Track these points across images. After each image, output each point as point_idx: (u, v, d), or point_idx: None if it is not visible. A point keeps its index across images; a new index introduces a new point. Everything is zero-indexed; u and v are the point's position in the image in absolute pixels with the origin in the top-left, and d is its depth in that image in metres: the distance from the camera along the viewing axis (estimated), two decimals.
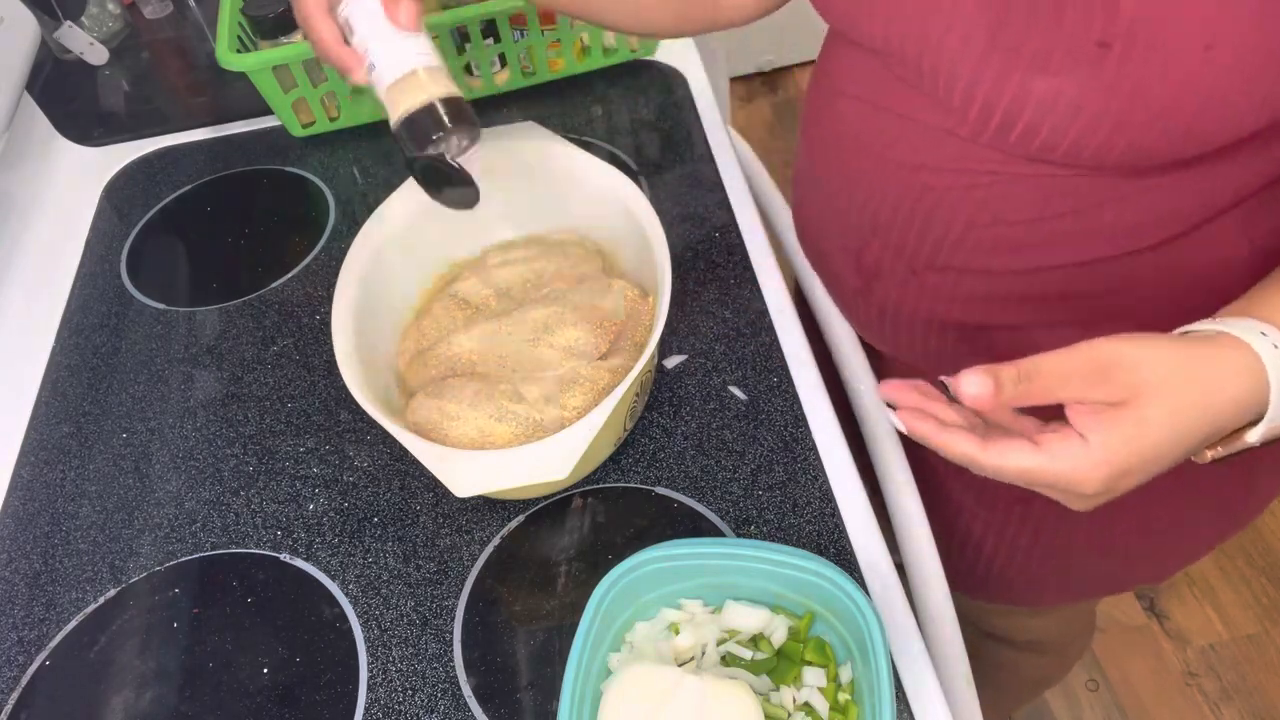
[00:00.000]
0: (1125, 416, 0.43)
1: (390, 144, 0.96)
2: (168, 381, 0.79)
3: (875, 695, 0.50)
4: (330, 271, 0.84)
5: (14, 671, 0.64)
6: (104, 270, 0.89)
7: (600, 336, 0.68)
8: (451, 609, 0.63)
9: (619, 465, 0.68)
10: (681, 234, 0.82)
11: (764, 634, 0.57)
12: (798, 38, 2.33)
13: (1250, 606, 1.50)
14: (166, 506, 0.71)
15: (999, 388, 0.43)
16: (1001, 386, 0.43)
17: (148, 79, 1.11)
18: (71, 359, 0.81)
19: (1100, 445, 0.43)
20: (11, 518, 0.71)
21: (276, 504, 0.70)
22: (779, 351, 0.73)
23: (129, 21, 1.16)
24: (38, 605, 0.66)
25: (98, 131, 1.03)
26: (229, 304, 0.84)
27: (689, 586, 0.58)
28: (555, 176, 0.75)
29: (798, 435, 0.68)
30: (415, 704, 0.59)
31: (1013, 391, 0.43)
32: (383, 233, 0.72)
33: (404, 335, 0.73)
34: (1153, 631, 1.49)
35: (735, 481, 0.67)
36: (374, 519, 0.68)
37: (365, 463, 0.71)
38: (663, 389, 0.72)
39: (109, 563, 0.68)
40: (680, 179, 0.87)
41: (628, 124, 0.94)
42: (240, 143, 0.99)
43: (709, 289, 0.78)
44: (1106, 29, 0.46)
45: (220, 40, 0.88)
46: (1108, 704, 1.43)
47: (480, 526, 0.67)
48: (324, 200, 0.91)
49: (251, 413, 0.75)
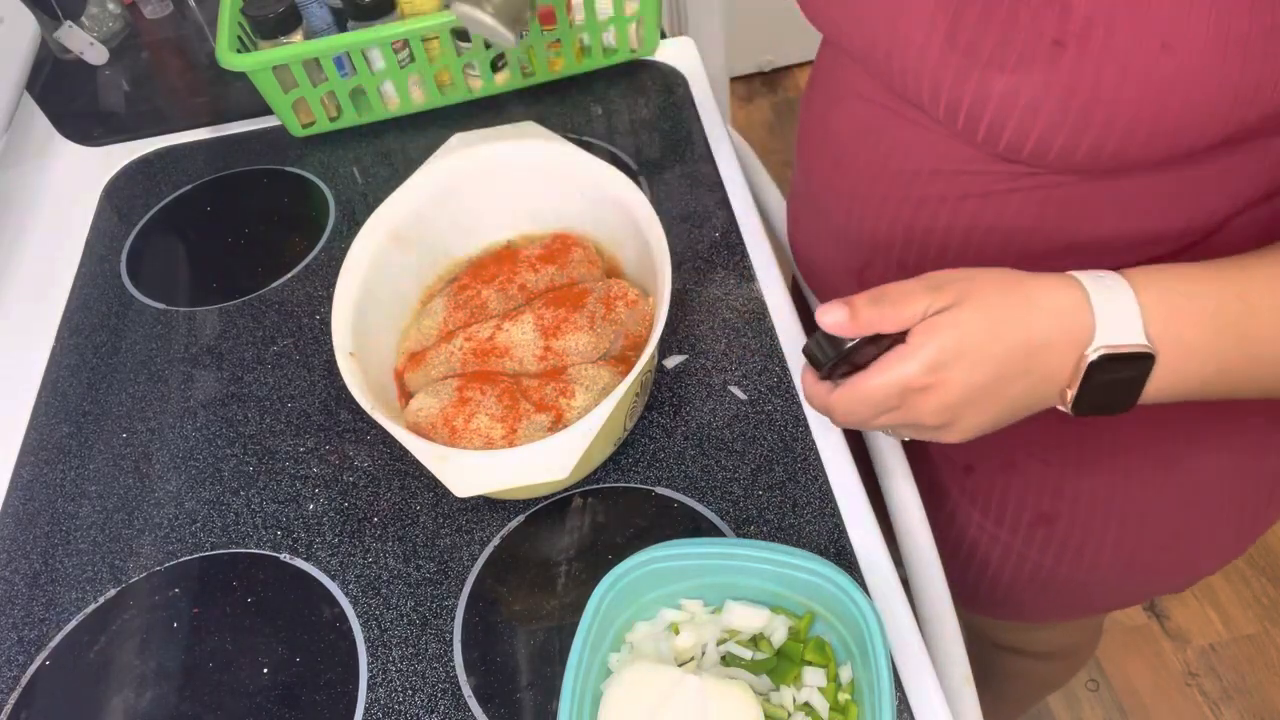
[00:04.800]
0: (944, 316, 0.48)
1: (390, 144, 0.96)
2: (168, 381, 0.79)
3: (875, 695, 0.50)
4: (330, 271, 0.84)
5: (14, 671, 0.64)
6: (104, 270, 0.89)
7: (600, 336, 0.68)
8: (451, 609, 0.63)
9: (619, 465, 0.68)
10: (681, 234, 0.82)
11: (764, 634, 0.57)
12: (798, 38, 2.33)
13: (1250, 606, 1.50)
14: (166, 506, 0.71)
15: (854, 312, 0.48)
16: (856, 311, 0.48)
17: (148, 79, 1.11)
18: (71, 359, 0.81)
19: (918, 342, 0.48)
20: (11, 518, 0.71)
21: (276, 504, 0.70)
22: (779, 351, 0.73)
23: (129, 21, 1.16)
24: (38, 605, 0.66)
25: (98, 131, 1.03)
26: (229, 304, 0.84)
27: (689, 586, 0.58)
28: (555, 176, 0.75)
29: (798, 435, 0.68)
30: (415, 704, 0.59)
31: (868, 314, 0.48)
32: (383, 232, 0.72)
33: (404, 335, 0.73)
34: (1153, 631, 1.49)
35: (735, 481, 0.67)
36: (374, 519, 0.68)
37: (365, 463, 0.71)
38: (663, 389, 0.72)
39: (109, 563, 0.68)
40: (680, 179, 0.87)
41: (628, 124, 0.94)
42: (240, 143, 0.99)
43: (709, 289, 0.78)
44: (1061, 27, 0.46)
45: (220, 40, 0.88)
46: (1108, 704, 1.43)
47: (480, 526, 0.67)
48: (324, 200, 0.91)
49: (251, 413, 0.75)
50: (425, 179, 0.74)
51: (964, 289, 0.48)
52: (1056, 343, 0.48)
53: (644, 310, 0.70)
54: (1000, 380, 0.48)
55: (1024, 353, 0.48)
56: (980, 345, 0.47)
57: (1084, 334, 0.47)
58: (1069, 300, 0.48)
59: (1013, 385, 0.49)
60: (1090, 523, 0.72)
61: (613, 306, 0.69)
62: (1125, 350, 0.47)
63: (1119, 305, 0.47)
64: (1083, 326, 0.47)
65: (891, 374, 0.49)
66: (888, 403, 0.50)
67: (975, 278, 0.49)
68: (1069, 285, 0.48)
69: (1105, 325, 0.47)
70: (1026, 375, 0.49)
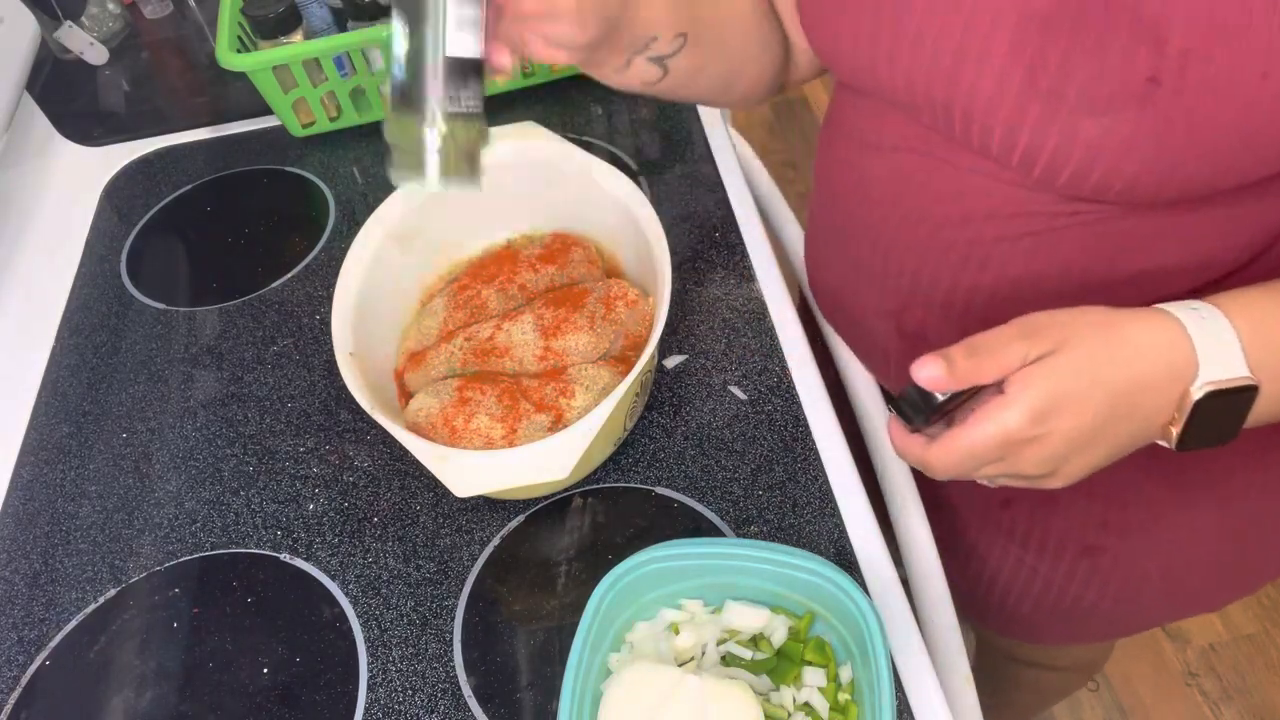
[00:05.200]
0: (1043, 363, 0.46)
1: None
2: (168, 381, 0.79)
3: (875, 695, 0.50)
4: (330, 271, 0.84)
5: (14, 671, 0.64)
6: (104, 270, 0.89)
7: (600, 336, 0.68)
8: (451, 609, 0.63)
9: (619, 465, 0.68)
10: (681, 234, 0.82)
11: (764, 634, 0.57)
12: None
13: (1250, 606, 1.50)
14: (166, 506, 0.71)
15: (951, 366, 0.46)
16: (953, 364, 0.46)
17: (148, 79, 1.10)
18: (71, 359, 0.81)
19: (1017, 392, 0.46)
20: (11, 518, 0.71)
21: (276, 504, 0.70)
22: (779, 351, 0.73)
23: (129, 21, 1.16)
24: (38, 605, 0.66)
25: (98, 131, 1.03)
26: (229, 304, 0.84)
27: (689, 586, 0.58)
28: (555, 176, 0.75)
29: (798, 435, 0.68)
30: (415, 704, 0.59)
31: (964, 367, 0.46)
32: (383, 233, 0.72)
33: (404, 335, 0.73)
34: (1153, 632, 1.49)
35: (735, 481, 0.67)
36: (374, 519, 0.68)
37: (365, 463, 0.71)
38: (663, 389, 0.72)
39: (109, 563, 0.68)
40: (680, 179, 0.87)
41: (628, 124, 0.94)
42: (240, 143, 0.99)
43: (709, 289, 0.78)
44: (1155, 64, 0.44)
45: (220, 40, 0.88)
46: (1108, 704, 1.43)
47: (480, 526, 0.67)
48: (324, 200, 0.91)
49: (251, 413, 0.75)
50: None
51: (1061, 335, 0.46)
52: (1159, 382, 0.47)
53: (644, 310, 0.70)
54: (1104, 425, 0.47)
55: (1127, 395, 0.47)
56: (1082, 392, 0.46)
57: (1187, 370, 0.46)
58: (1167, 337, 0.46)
59: (1117, 428, 0.48)
60: (1135, 555, 0.71)
61: (613, 306, 0.69)
62: (1231, 385, 0.46)
63: (1218, 338, 0.46)
64: (1185, 363, 0.46)
65: (993, 426, 0.46)
66: (989, 455, 0.48)
67: (1071, 322, 0.47)
68: (1165, 321, 0.47)
69: (1208, 360, 0.46)
70: (1130, 418, 0.47)
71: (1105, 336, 0.47)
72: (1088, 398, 0.46)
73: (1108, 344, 0.46)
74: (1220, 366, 0.46)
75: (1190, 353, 0.46)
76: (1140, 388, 0.47)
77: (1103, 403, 0.46)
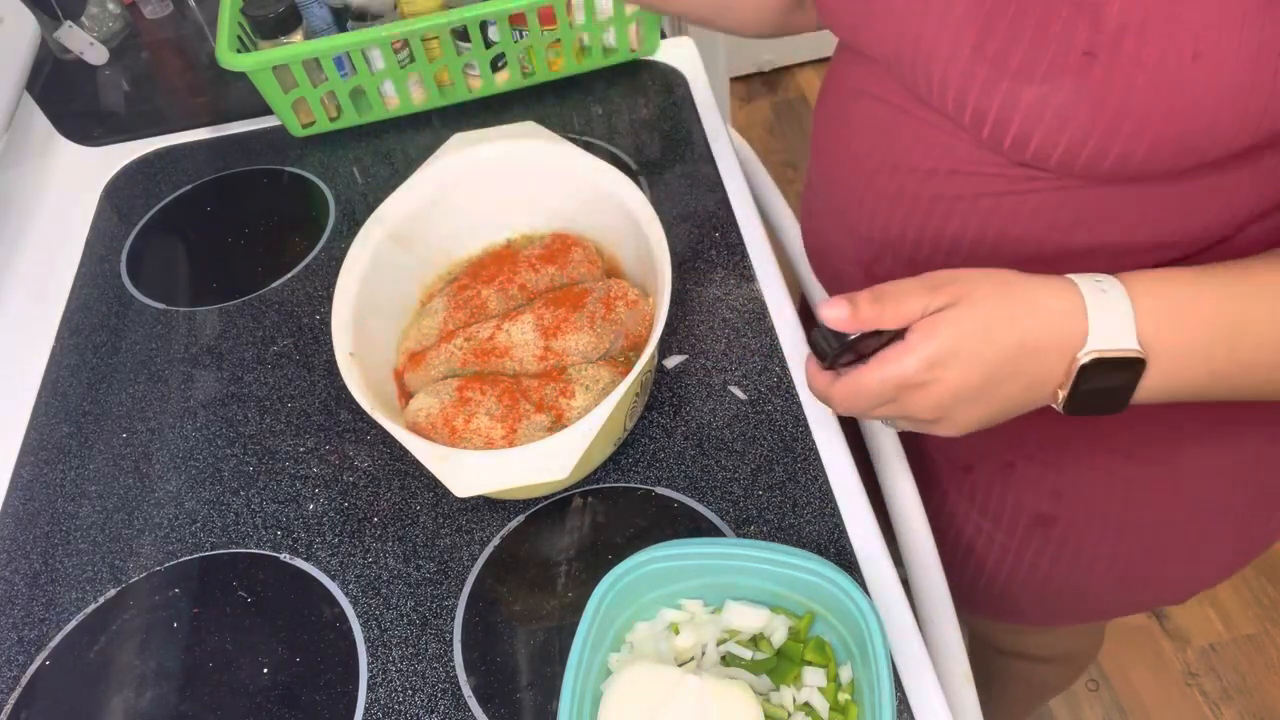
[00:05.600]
0: (943, 314, 0.49)
1: (390, 144, 0.96)
2: (168, 381, 0.79)
3: (875, 695, 0.50)
4: (330, 271, 0.84)
5: (14, 671, 0.64)
6: (104, 270, 0.89)
7: (600, 336, 0.68)
8: (451, 609, 0.63)
9: (619, 465, 0.68)
10: (681, 234, 0.82)
11: (764, 634, 0.57)
12: (798, 38, 2.32)
13: (1250, 606, 1.50)
14: (166, 506, 0.71)
15: (855, 308, 0.49)
16: (858, 308, 0.49)
17: (148, 79, 1.11)
18: (71, 359, 0.81)
19: (916, 340, 0.49)
20: (11, 518, 0.71)
21: (276, 504, 0.70)
22: (779, 351, 0.73)
23: (129, 21, 1.16)
24: (38, 605, 0.66)
25: (98, 131, 1.03)
26: (229, 304, 0.84)
27: (689, 586, 0.58)
28: (555, 176, 0.75)
29: (798, 435, 0.68)
30: (415, 704, 0.59)
31: (868, 311, 0.49)
32: (383, 233, 0.72)
33: (404, 335, 0.73)
34: (1153, 631, 1.49)
35: (735, 481, 0.67)
36: (374, 519, 0.68)
37: (365, 463, 0.71)
38: (663, 389, 0.72)
39: (109, 563, 0.68)
40: (680, 179, 0.87)
41: (628, 124, 0.94)
42: (240, 143, 0.99)
43: (709, 289, 0.78)
44: (1092, 37, 0.46)
45: (220, 40, 0.88)
46: (1108, 704, 1.43)
47: (480, 526, 0.67)
48: (324, 200, 0.91)
49: (251, 413, 0.75)
50: (425, 179, 0.74)
51: (961, 290, 0.49)
52: (1050, 346, 0.48)
53: (644, 310, 0.70)
54: (992, 380, 0.49)
55: (1017, 354, 0.49)
56: (974, 346, 0.48)
57: (1077, 338, 0.48)
58: (1064, 304, 0.48)
59: (1005, 386, 0.50)
60: (1088, 528, 0.72)
61: (613, 306, 0.69)
62: (1116, 355, 0.48)
63: (1113, 310, 0.48)
64: (1076, 331, 0.48)
65: (888, 370, 0.50)
66: (884, 396, 0.51)
67: (973, 279, 0.49)
68: (1066, 289, 0.49)
69: (1098, 330, 0.48)
70: (1019, 376, 0.49)
71: (1003, 296, 0.49)
72: (978, 354, 0.48)
73: (1007, 305, 0.49)
74: (1109, 338, 0.48)
75: (1083, 322, 0.48)
76: (1029, 351, 0.49)
77: (992, 360, 0.48)
